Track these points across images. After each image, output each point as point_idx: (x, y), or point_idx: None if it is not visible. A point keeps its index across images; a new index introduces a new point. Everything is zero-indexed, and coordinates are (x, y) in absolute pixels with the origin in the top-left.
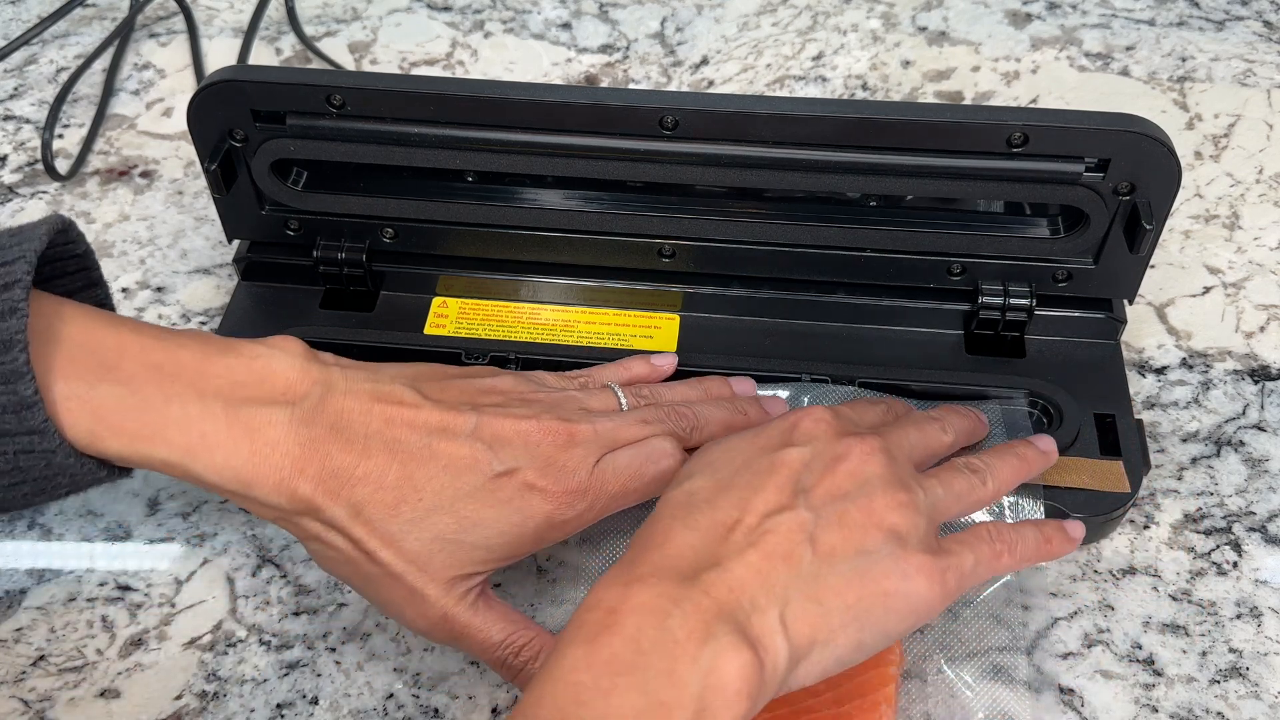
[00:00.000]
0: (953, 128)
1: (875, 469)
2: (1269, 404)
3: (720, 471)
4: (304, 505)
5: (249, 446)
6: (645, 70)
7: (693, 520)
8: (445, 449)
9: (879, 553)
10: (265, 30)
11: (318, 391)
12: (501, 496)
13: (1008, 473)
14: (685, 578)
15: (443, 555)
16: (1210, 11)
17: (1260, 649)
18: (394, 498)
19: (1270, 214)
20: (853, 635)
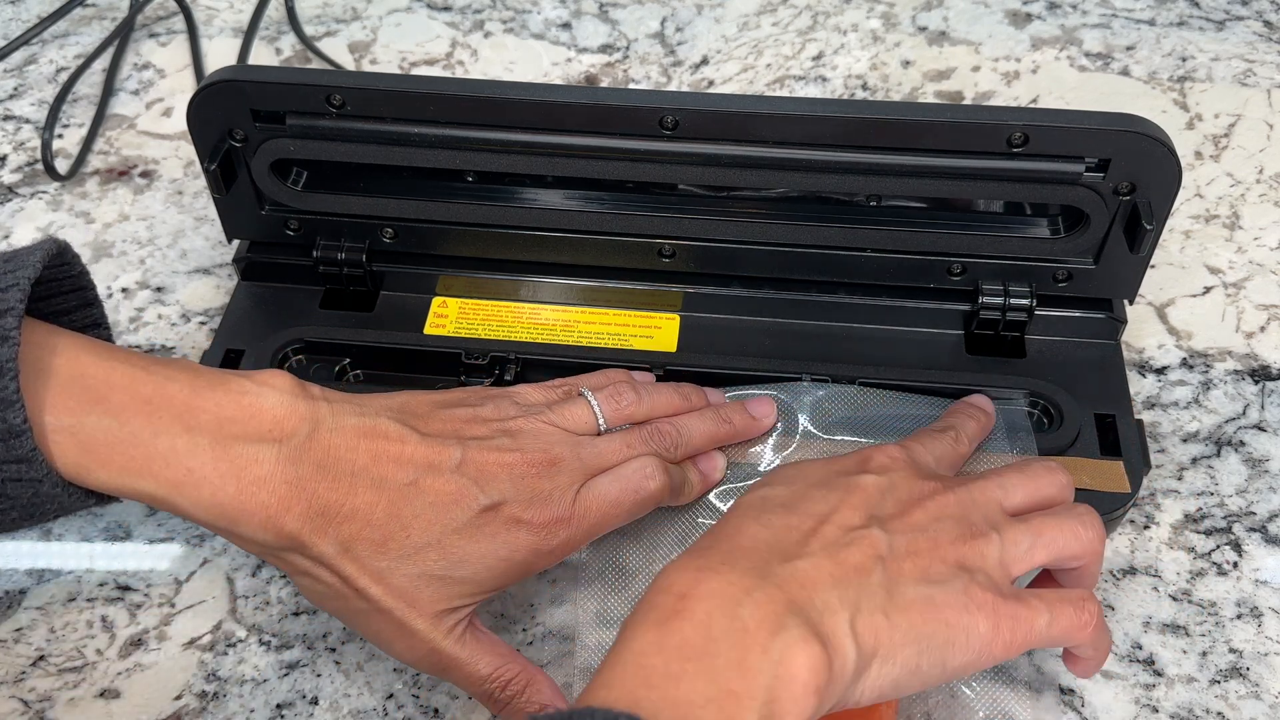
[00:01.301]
0: (953, 128)
1: (951, 510)
2: (1269, 404)
3: (795, 484)
4: (291, 542)
5: (235, 484)
6: (645, 70)
7: (767, 519)
8: (431, 485)
9: (946, 584)
10: (265, 30)
11: (305, 429)
12: (488, 531)
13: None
14: (758, 569)
15: (430, 590)
16: (1210, 11)
17: (1260, 649)
18: (381, 534)
19: (1270, 214)
20: (911, 657)
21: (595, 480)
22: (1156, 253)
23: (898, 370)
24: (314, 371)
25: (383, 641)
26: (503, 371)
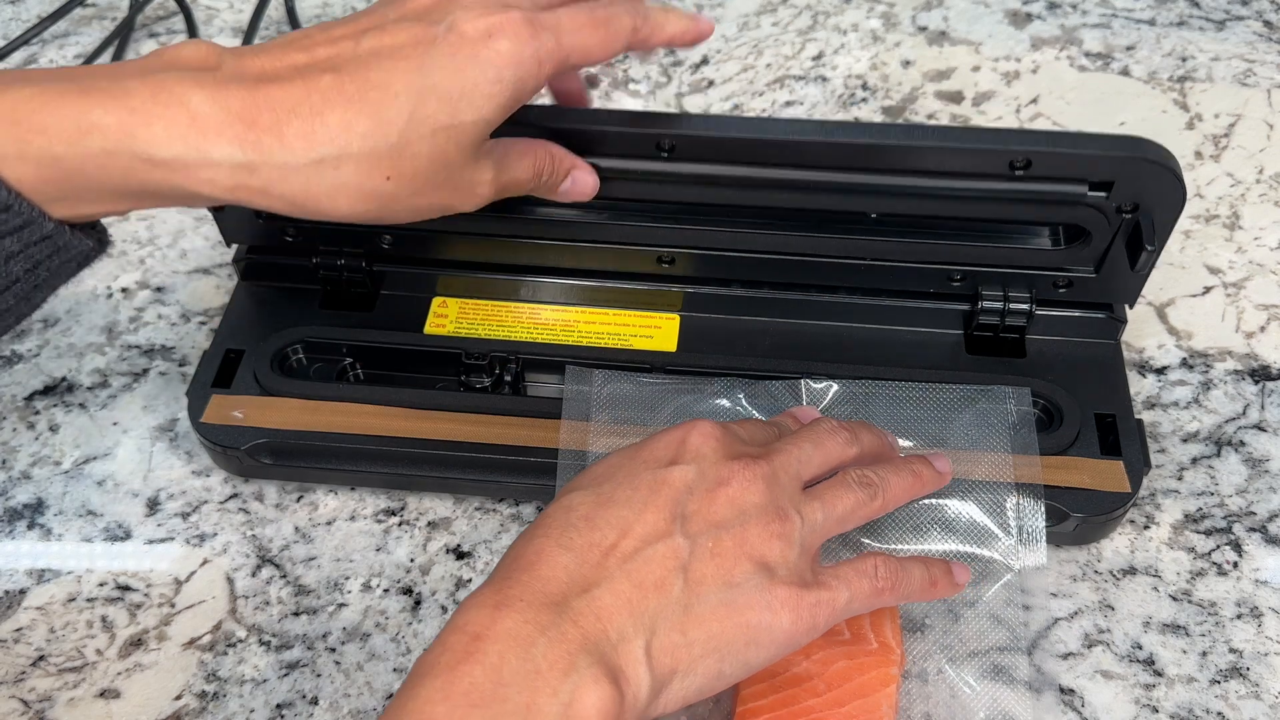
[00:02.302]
0: (954, 153)
1: (755, 497)
2: (1269, 404)
3: (603, 486)
4: (277, 151)
5: (185, 111)
6: (645, 69)
7: (568, 540)
8: (384, 40)
9: (747, 584)
10: (265, 30)
11: (229, 57)
12: (467, 52)
13: (900, 490)
14: (555, 603)
15: (445, 146)
16: (1210, 11)
17: (1261, 649)
18: (371, 106)
19: (1271, 214)
20: (713, 665)
21: None
22: None
23: (897, 370)
24: (314, 371)
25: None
26: (503, 371)
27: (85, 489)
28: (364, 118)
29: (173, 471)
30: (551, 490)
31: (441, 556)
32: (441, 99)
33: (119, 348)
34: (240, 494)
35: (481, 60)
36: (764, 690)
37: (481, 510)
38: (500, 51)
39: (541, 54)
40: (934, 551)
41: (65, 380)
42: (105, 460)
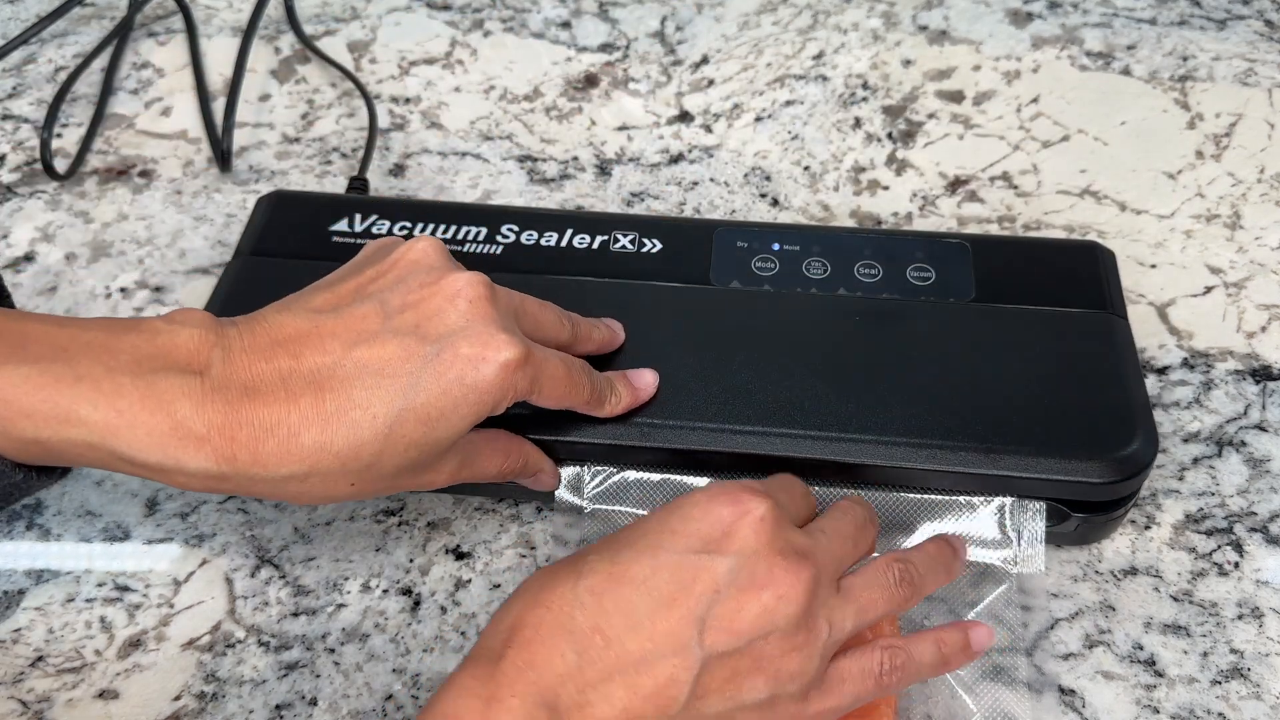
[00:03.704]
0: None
1: (790, 609)
2: (1270, 404)
3: (622, 554)
4: (246, 469)
5: (169, 420)
6: (645, 69)
7: (571, 620)
8: (372, 356)
9: (752, 701)
10: (264, 29)
11: (218, 355)
12: (454, 375)
13: (932, 586)
14: (549, 706)
15: (416, 454)
16: (1211, 10)
17: (1262, 650)
18: (348, 429)
19: (1272, 213)
20: None
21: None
22: (1157, 252)
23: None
24: None
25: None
26: None
27: (84, 489)
28: (339, 440)
29: None
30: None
31: (441, 557)
32: (420, 419)
33: None
34: None
35: (466, 383)
36: None
37: (481, 510)
38: (486, 377)
39: (519, 387)
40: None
41: None
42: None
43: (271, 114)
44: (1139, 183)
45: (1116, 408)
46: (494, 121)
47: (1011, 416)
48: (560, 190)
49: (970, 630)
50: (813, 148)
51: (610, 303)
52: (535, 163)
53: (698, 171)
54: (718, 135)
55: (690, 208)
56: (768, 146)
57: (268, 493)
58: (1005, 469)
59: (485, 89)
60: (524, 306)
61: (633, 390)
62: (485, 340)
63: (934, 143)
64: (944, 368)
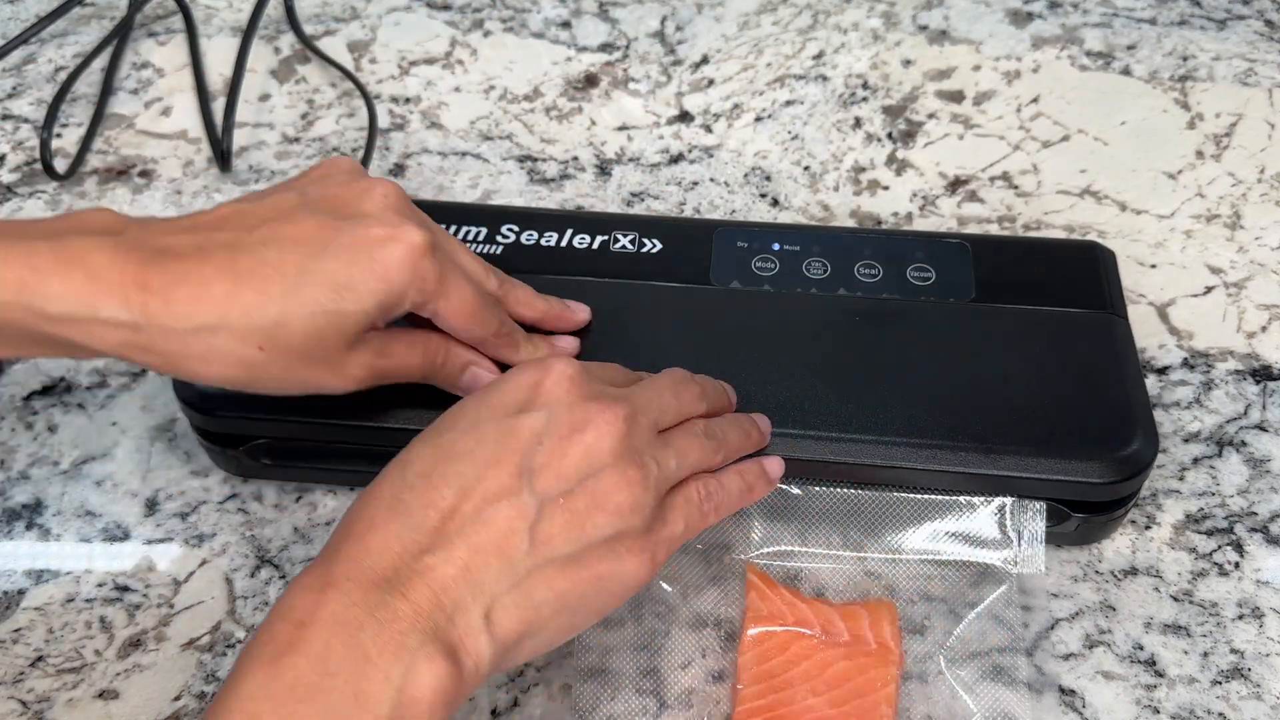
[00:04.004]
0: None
1: (612, 443)
2: (1271, 404)
3: (444, 435)
4: (162, 315)
5: (83, 271)
6: (645, 69)
7: (402, 503)
8: (288, 228)
9: (598, 537)
10: (264, 29)
11: (135, 225)
12: (363, 249)
13: (738, 443)
14: (384, 580)
15: (324, 323)
16: (1212, 10)
17: (1262, 650)
18: (258, 281)
19: (1272, 214)
20: (564, 621)
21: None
22: (1158, 252)
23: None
24: None
25: (310, 388)
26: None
27: (84, 489)
28: (248, 291)
29: (171, 472)
30: None
31: None
32: (327, 284)
33: None
34: (239, 494)
35: (375, 259)
36: (764, 690)
37: None
38: (394, 254)
39: (426, 277)
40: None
41: (64, 380)
42: (104, 460)
43: (271, 114)
44: (1139, 183)
45: (1117, 408)
46: (494, 121)
47: (1011, 417)
48: (560, 190)
49: (764, 462)
50: (813, 148)
51: (610, 303)
52: (535, 163)
53: (698, 171)
54: (718, 135)
55: (690, 208)
56: (768, 146)
57: (180, 352)
58: (1005, 469)
59: (485, 89)
60: (451, 240)
61: (551, 344)
62: (396, 225)
63: (934, 143)
64: (944, 368)
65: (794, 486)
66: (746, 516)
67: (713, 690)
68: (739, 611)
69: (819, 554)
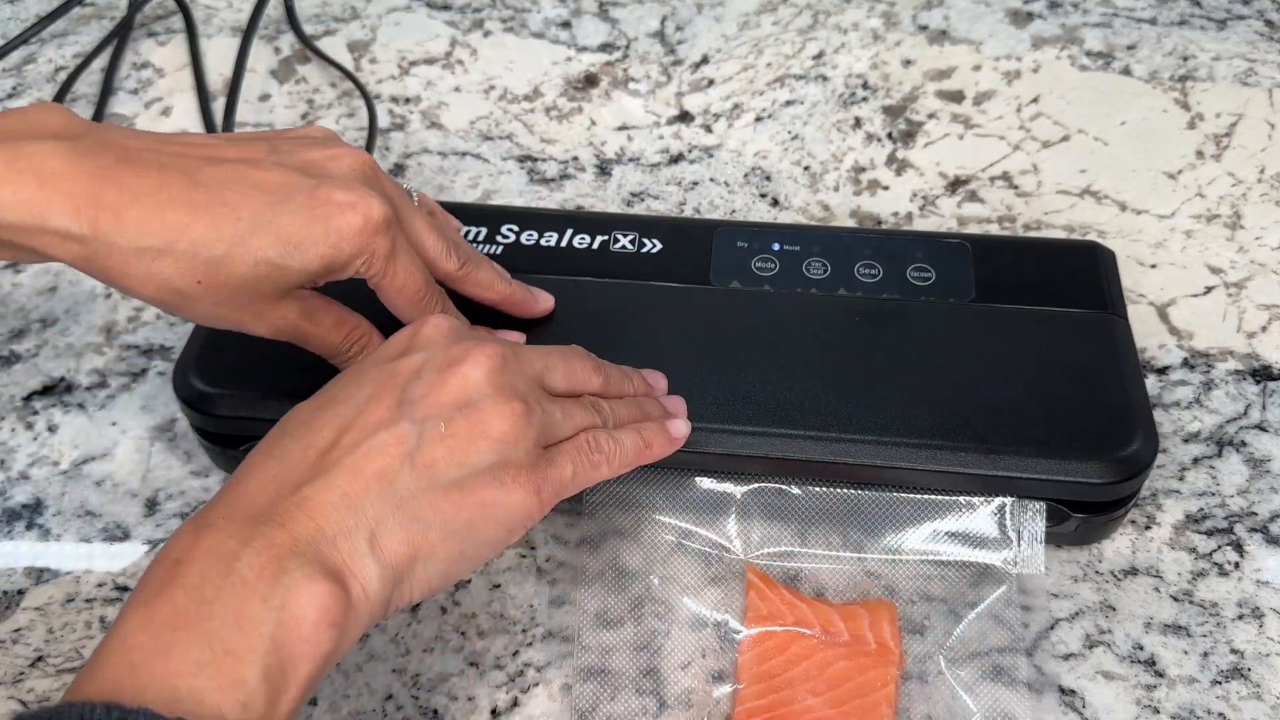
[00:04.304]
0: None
1: (488, 375)
2: (1271, 404)
3: (327, 391)
4: (108, 233)
5: (35, 179)
6: (645, 69)
7: (283, 446)
8: (253, 173)
9: (481, 463)
10: (264, 29)
11: (95, 131)
12: (320, 212)
13: (628, 418)
14: (261, 514)
15: (265, 272)
16: (1212, 10)
17: (1262, 650)
18: (212, 218)
19: (1272, 214)
20: (454, 547)
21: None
22: (1158, 252)
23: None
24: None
25: (231, 324)
26: None
27: (84, 489)
28: (201, 224)
29: (171, 472)
30: None
31: None
32: (278, 237)
33: (117, 348)
34: None
35: (330, 223)
36: (763, 691)
37: None
38: (349, 223)
39: (377, 251)
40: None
41: (64, 380)
42: (104, 460)
43: (271, 114)
44: (1139, 183)
45: (1116, 408)
46: (494, 121)
47: (1011, 417)
48: (560, 190)
49: (669, 422)
50: (813, 148)
51: (610, 303)
52: (535, 163)
53: (698, 171)
54: (718, 135)
55: (690, 208)
56: (768, 146)
57: (120, 269)
58: (1005, 469)
59: (485, 89)
60: (414, 217)
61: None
62: (360, 194)
63: (934, 143)
64: (944, 368)
65: (794, 486)
66: (747, 516)
67: (713, 690)
68: (739, 611)
69: (819, 554)
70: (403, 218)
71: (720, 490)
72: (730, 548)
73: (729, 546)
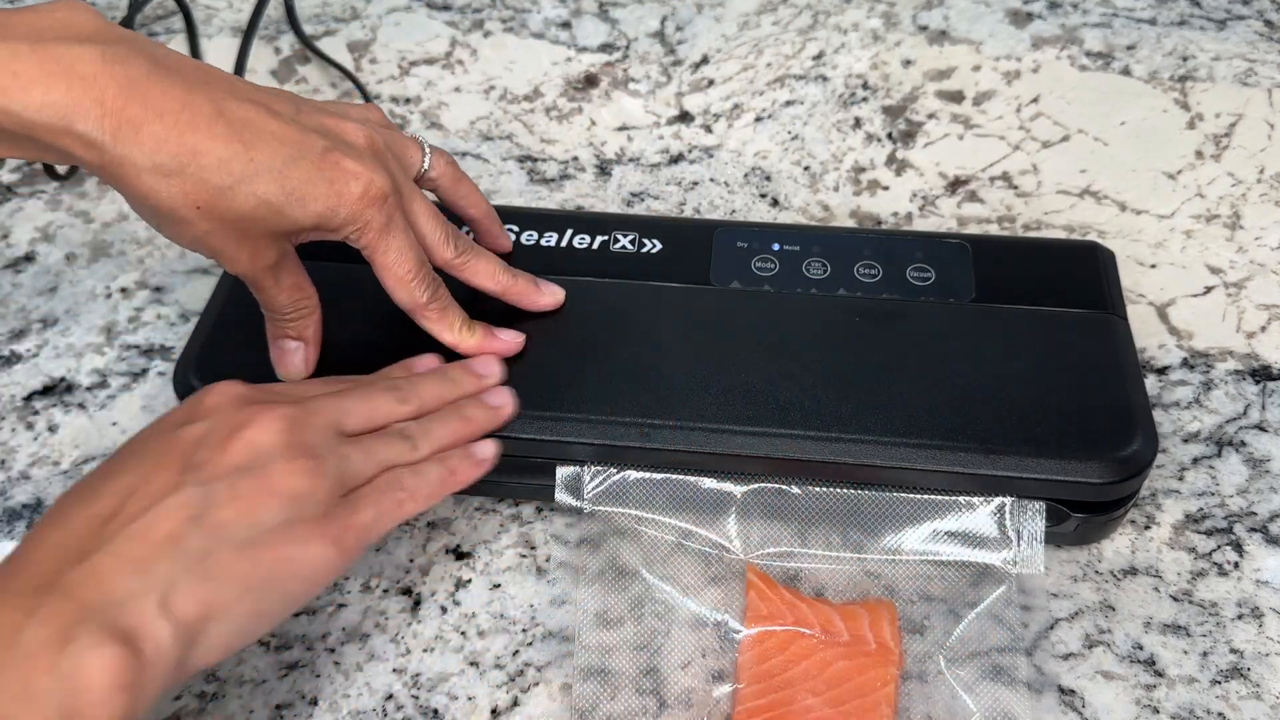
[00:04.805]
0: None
1: (275, 437)
2: (1270, 404)
3: (109, 462)
4: (128, 145)
5: (65, 82)
6: (645, 69)
7: (64, 519)
8: (272, 123)
9: (273, 521)
10: (264, 30)
11: (128, 39)
12: (328, 173)
13: (446, 436)
14: (45, 584)
15: (263, 214)
16: (1211, 11)
17: (1261, 649)
18: (228, 150)
19: (1272, 214)
20: (251, 605)
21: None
22: (1157, 252)
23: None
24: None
25: (210, 252)
26: None
27: None
28: (214, 155)
29: None
30: (551, 489)
31: (441, 557)
32: (282, 186)
33: (118, 348)
34: None
35: (332, 185)
36: (763, 690)
37: (481, 510)
38: (349, 189)
39: (371, 224)
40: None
41: (64, 380)
42: (104, 461)
43: None
44: (1139, 183)
45: (1116, 408)
46: (494, 121)
47: (1011, 417)
48: (560, 190)
49: (473, 446)
50: (813, 148)
51: (610, 303)
52: (535, 163)
53: (698, 171)
54: (718, 135)
55: (690, 208)
56: (768, 146)
57: (130, 180)
58: (1005, 469)
59: (485, 89)
60: (415, 201)
61: (490, 336)
62: (366, 165)
63: (934, 143)
64: (944, 368)
65: (794, 486)
66: (747, 516)
67: (712, 690)
68: (739, 611)
69: (819, 554)
70: (405, 199)
71: (720, 490)
72: (730, 547)
73: (729, 546)
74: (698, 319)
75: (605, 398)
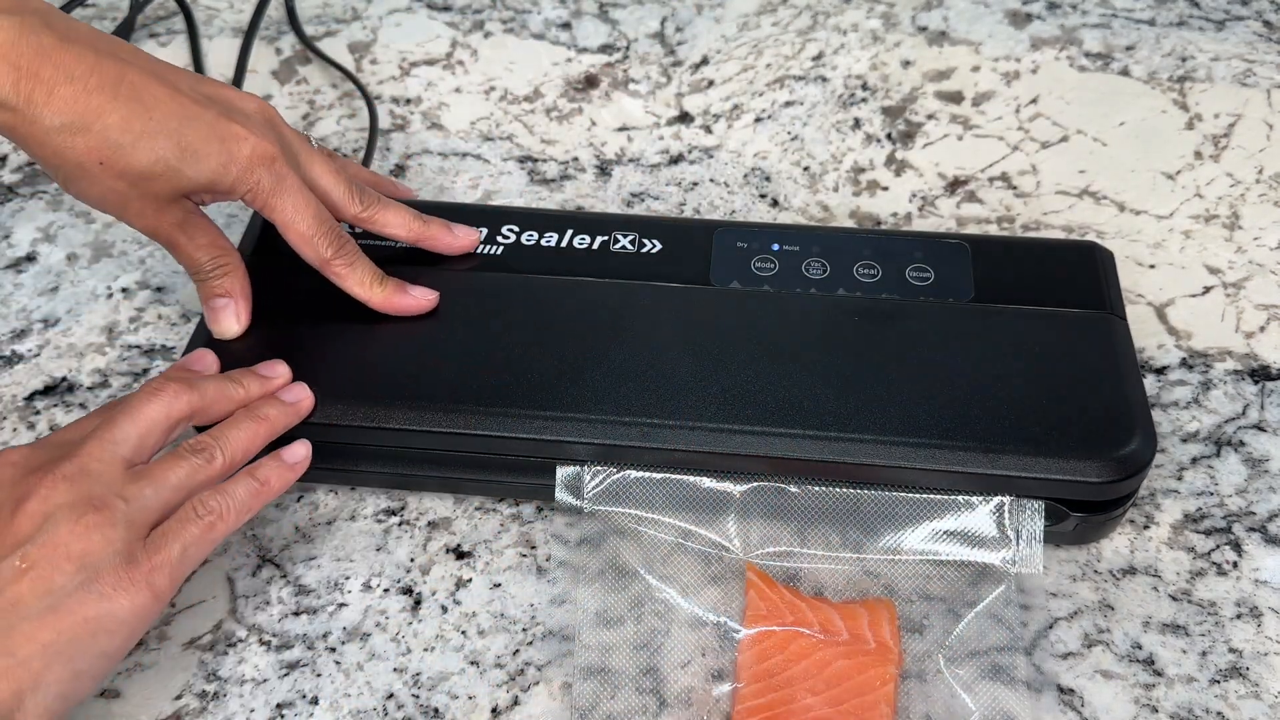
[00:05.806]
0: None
1: (61, 499)
2: (1269, 404)
3: None
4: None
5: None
6: (645, 70)
7: None
8: (167, 92)
9: (70, 585)
10: (265, 30)
11: (40, 10)
12: (220, 133)
13: (244, 439)
14: None
15: (160, 170)
16: (1210, 11)
17: (1260, 649)
18: (130, 109)
19: (1270, 214)
20: (64, 670)
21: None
22: (1156, 252)
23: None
24: None
25: (113, 209)
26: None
27: None
28: (118, 113)
29: None
30: (551, 489)
31: (441, 556)
32: (178, 144)
33: (119, 348)
34: None
35: (224, 146)
36: (763, 689)
37: (481, 510)
38: (239, 150)
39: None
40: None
41: (65, 380)
42: None
43: None
44: (1138, 183)
45: (1115, 408)
46: (494, 122)
47: (1010, 416)
48: (560, 191)
49: (282, 452)
50: (812, 148)
51: (610, 303)
52: (535, 163)
53: (698, 172)
54: (717, 136)
55: (690, 208)
56: (767, 147)
57: (39, 139)
58: (1004, 468)
59: (486, 90)
60: (313, 162)
61: (402, 292)
62: (255, 131)
63: (933, 143)
64: (943, 368)
65: (793, 486)
66: (746, 516)
67: (712, 689)
68: (738, 610)
69: (818, 553)
70: (301, 162)
71: (720, 489)
72: (730, 547)
73: (728, 546)
74: (697, 319)
75: (605, 398)
